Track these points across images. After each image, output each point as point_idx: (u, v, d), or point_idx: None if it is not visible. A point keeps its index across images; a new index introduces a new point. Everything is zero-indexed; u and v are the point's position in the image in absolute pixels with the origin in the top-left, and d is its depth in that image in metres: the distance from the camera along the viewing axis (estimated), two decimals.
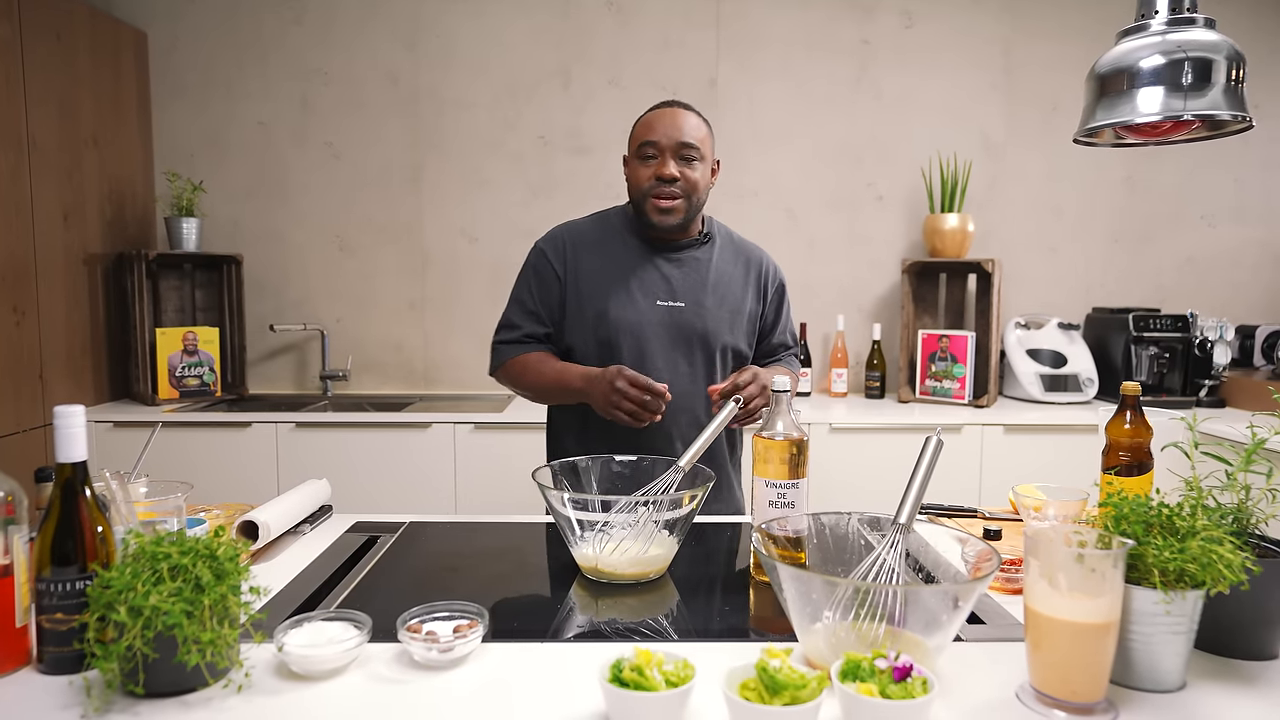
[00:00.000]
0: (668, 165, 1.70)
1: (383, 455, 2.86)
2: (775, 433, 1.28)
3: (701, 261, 1.82)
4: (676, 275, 1.79)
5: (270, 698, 0.93)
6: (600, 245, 1.81)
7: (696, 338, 1.78)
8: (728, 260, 1.86)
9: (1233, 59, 1.20)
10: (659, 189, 1.71)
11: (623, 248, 1.80)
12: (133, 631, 0.87)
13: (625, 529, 1.30)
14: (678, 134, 1.70)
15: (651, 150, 1.71)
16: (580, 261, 1.79)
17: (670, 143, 1.70)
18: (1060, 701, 0.90)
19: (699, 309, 1.78)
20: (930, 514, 1.64)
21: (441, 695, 0.95)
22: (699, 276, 1.80)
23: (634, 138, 1.77)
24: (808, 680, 0.83)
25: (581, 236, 1.83)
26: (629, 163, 1.79)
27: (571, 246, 1.81)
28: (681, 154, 1.71)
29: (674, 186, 1.71)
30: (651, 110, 1.76)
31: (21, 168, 2.64)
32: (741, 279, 1.86)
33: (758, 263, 1.91)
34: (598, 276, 1.77)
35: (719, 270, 1.83)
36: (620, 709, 0.85)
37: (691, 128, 1.72)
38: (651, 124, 1.73)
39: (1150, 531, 0.97)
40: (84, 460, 0.98)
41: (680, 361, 1.78)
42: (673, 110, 1.74)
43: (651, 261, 1.79)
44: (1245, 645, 1.01)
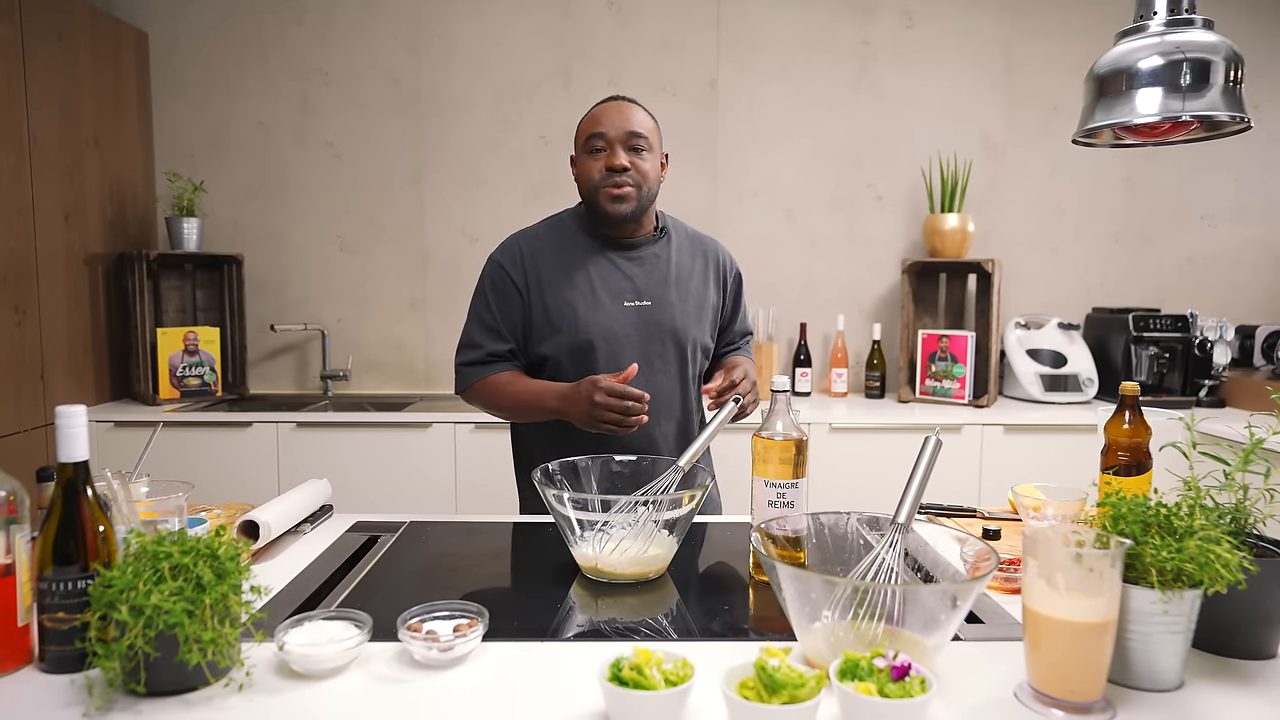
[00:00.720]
0: (618, 155, 1.68)
1: (383, 455, 2.87)
2: (775, 432, 1.28)
3: (661, 258, 1.80)
4: (639, 274, 1.77)
5: (271, 696, 0.94)
6: (558, 251, 1.77)
7: (667, 335, 1.76)
8: (686, 255, 1.83)
9: (1231, 60, 1.20)
10: (610, 179, 1.69)
11: (581, 251, 1.77)
12: (134, 630, 0.87)
13: (625, 529, 1.30)
14: (626, 124, 1.69)
15: (600, 143, 1.69)
16: (540, 270, 1.75)
17: (619, 133, 1.68)
18: (1058, 701, 0.91)
19: (666, 306, 1.76)
20: (929, 514, 1.64)
21: (442, 694, 0.95)
22: (661, 273, 1.78)
23: (580, 134, 1.74)
24: (806, 679, 0.83)
25: (537, 244, 1.78)
26: (577, 160, 1.76)
27: (529, 256, 1.76)
28: (631, 144, 1.69)
29: (625, 176, 1.69)
30: (596, 105, 1.75)
31: (23, 168, 2.64)
32: (701, 273, 1.84)
33: (715, 255, 1.88)
34: (560, 283, 1.74)
35: (679, 265, 1.81)
36: (619, 708, 0.86)
37: (640, 119, 1.71)
38: (598, 117, 1.71)
39: (1148, 531, 0.97)
40: (85, 460, 0.98)
41: (654, 360, 1.75)
42: (619, 103, 1.73)
43: (612, 262, 1.76)
44: (1243, 644, 1.02)
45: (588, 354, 1.72)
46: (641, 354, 1.74)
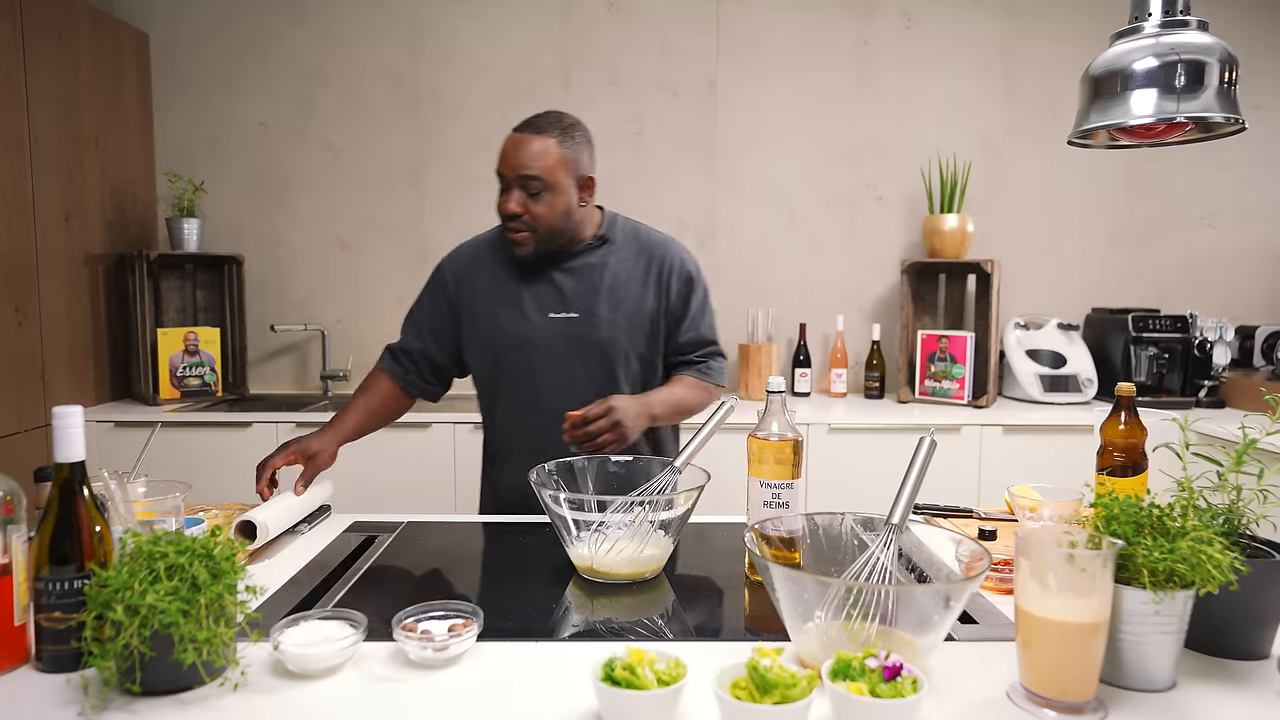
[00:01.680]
0: (510, 200, 1.64)
1: (382, 454, 2.86)
2: (770, 433, 1.29)
3: (595, 267, 1.75)
4: (569, 284, 1.73)
5: (266, 696, 0.94)
6: (496, 261, 1.77)
7: (592, 348, 1.72)
8: (627, 261, 1.77)
9: (1225, 61, 1.20)
10: (507, 223, 1.67)
11: (517, 261, 1.74)
12: (129, 630, 0.87)
13: (621, 529, 1.30)
14: (519, 165, 1.63)
15: (501, 181, 1.67)
16: (475, 280, 1.77)
17: (513, 175, 1.64)
18: (1051, 701, 0.91)
19: (592, 318, 1.72)
20: (926, 514, 1.64)
21: (436, 693, 0.96)
22: (592, 284, 1.73)
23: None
24: (798, 679, 0.83)
25: (480, 253, 1.80)
26: None
27: (469, 265, 1.79)
28: (525, 186, 1.63)
29: (518, 222, 1.65)
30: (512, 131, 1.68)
31: (23, 168, 2.65)
32: (641, 278, 1.76)
33: (660, 258, 1.78)
34: (490, 293, 1.74)
35: (615, 274, 1.75)
36: (612, 707, 0.86)
37: (533, 155, 1.62)
38: (503, 151, 1.66)
39: (1141, 532, 0.97)
40: (82, 460, 0.99)
41: (577, 373, 1.72)
42: (520, 136, 1.65)
43: (544, 273, 1.74)
44: (1236, 645, 1.02)
45: (501, 365, 1.74)
46: (562, 366, 1.72)
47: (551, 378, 1.72)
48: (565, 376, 1.72)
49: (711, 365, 1.84)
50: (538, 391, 1.73)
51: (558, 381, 1.72)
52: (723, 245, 3.44)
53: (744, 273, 3.45)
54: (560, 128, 1.66)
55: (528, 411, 1.75)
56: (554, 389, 1.71)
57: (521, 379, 1.72)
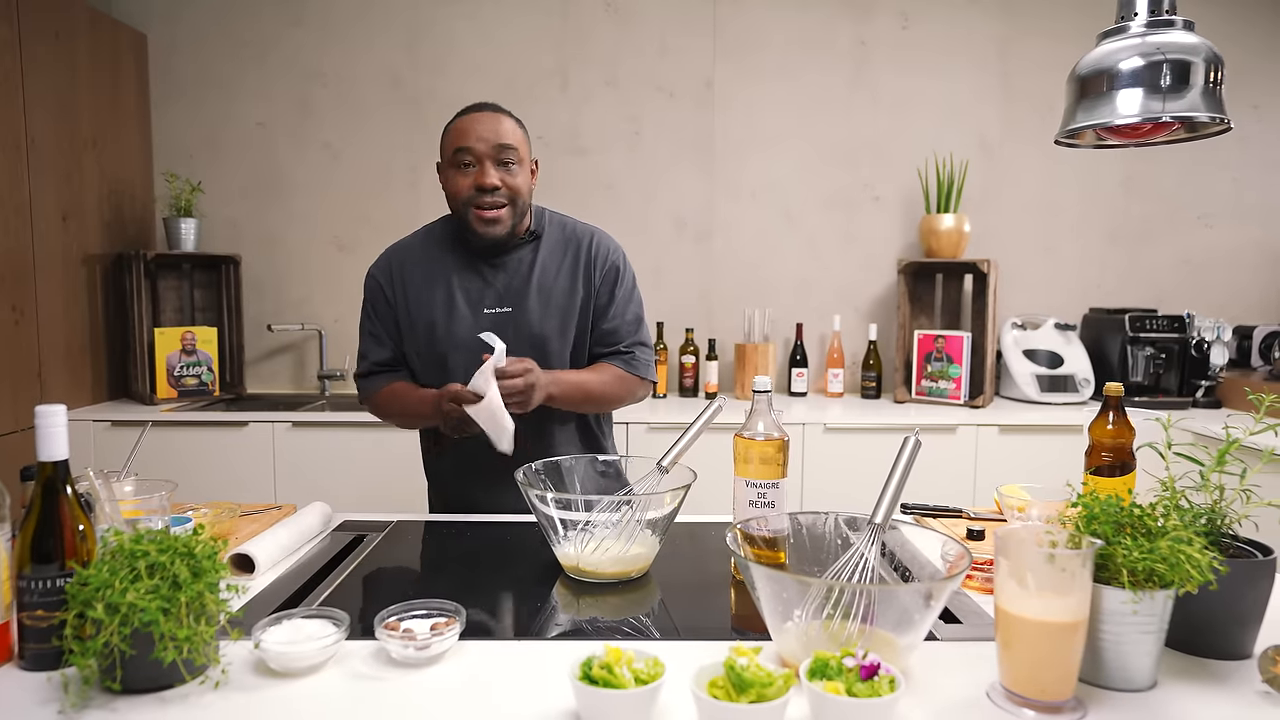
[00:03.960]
0: (487, 174, 1.61)
1: (379, 454, 2.87)
2: (756, 432, 1.29)
3: (525, 262, 1.74)
4: (500, 280, 1.72)
5: (247, 694, 0.94)
6: (425, 260, 1.75)
7: (526, 341, 1.70)
8: (555, 254, 1.76)
9: (1211, 61, 1.20)
10: (480, 199, 1.63)
11: (448, 260, 1.74)
12: (109, 628, 0.88)
13: (607, 528, 1.31)
14: (494, 137, 1.62)
15: (468, 157, 1.62)
16: (407, 280, 1.74)
17: (487, 148, 1.61)
18: (1029, 700, 0.91)
19: (525, 311, 1.71)
20: (915, 514, 1.64)
21: (417, 692, 0.96)
22: (523, 277, 1.72)
23: (446, 144, 1.66)
24: (774, 678, 0.84)
25: (407, 255, 1.77)
26: (443, 171, 1.69)
27: (398, 266, 1.76)
28: (500, 158, 1.63)
29: (496, 195, 1.63)
30: (462, 114, 1.66)
31: (20, 168, 2.66)
32: (569, 270, 1.75)
33: (587, 248, 1.77)
34: (424, 293, 1.72)
35: (544, 268, 1.74)
36: (589, 706, 0.86)
37: (508, 130, 1.64)
38: (465, 129, 1.63)
39: (1121, 532, 0.97)
40: (65, 459, 0.99)
41: None
42: (485, 114, 1.65)
43: (475, 269, 1.72)
44: (1218, 645, 1.02)
45: (444, 363, 1.71)
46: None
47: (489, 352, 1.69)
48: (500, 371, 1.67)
49: (637, 356, 1.80)
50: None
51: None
52: (720, 245, 3.44)
53: (741, 272, 3.45)
54: (511, 113, 1.69)
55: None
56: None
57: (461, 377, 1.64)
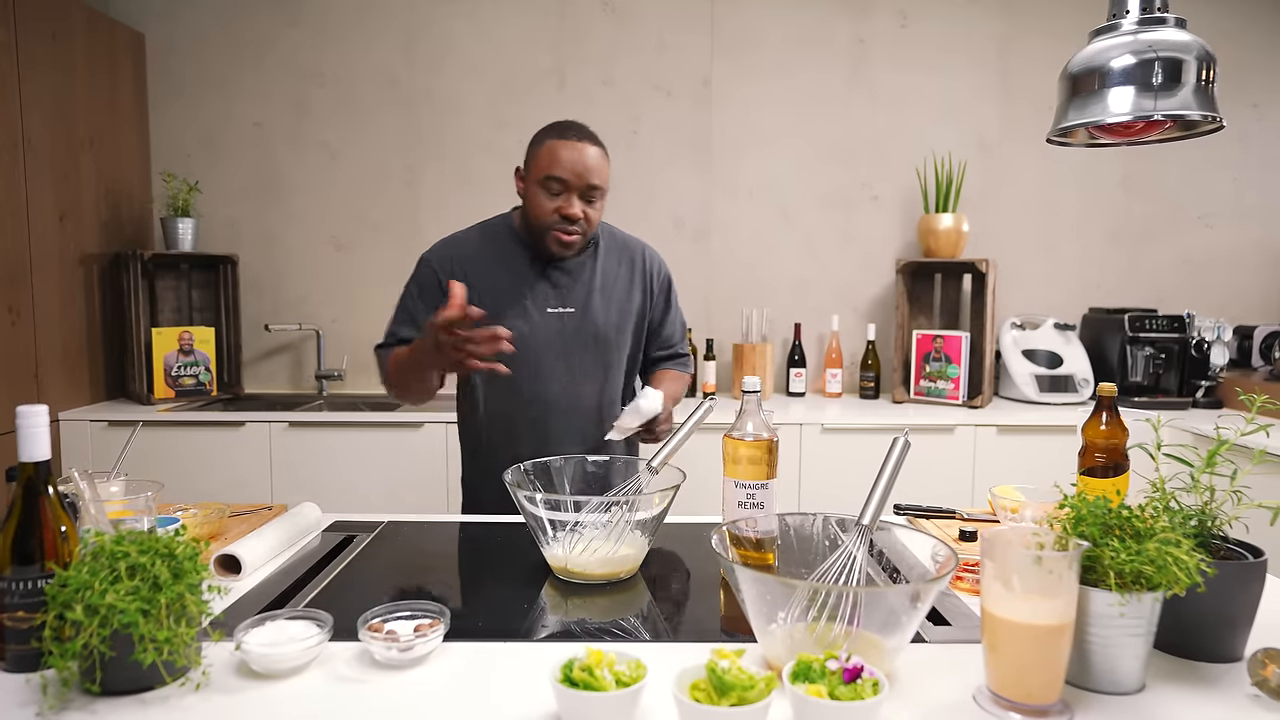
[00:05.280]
0: (574, 206, 1.71)
1: (375, 454, 2.87)
2: (745, 433, 1.28)
3: (586, 267, 1.84)
4: (565, 281, 1.81)
5: (228, 696, 0.94)
6: (488, 258, 1.81)
7: (590, 341, 1.81)
8: (612, 261, 1.88)
9: (1203, 59, 1.19)
10: (564, 225, 1.72)
11: (511, 258, 1.81)
12: (88, 630, 0.87)
13: (597, 529, 1.30)
14: (590, 176, 1.70)
15: (559, 186, 1.71)
16: (468, 273, 1.77)
17: (580, 183, 1.70)
18: (1015, 704, 0.90)
19: (590, 313, 1.81)
20: (908, 515, 1.63)
21: (400, 693, 0.96)
22: (585, 282, 1.83)
23: (539, 164, 1.73)
24: (756, 681, 0.83)
25: (469, 250, 1.82)
26: (529, 185, 1.76)
27: (459, 261, 1.80)
28: (587, 195, 1.72)
29: (577, 225, 1.72)
30: (557, 138, 1.72)
31: (17, 168, 2.66)
32: (627, 277, 1.89)
33: (641, 259, 1.92)
34: (488, 289, 1.76)
35: (605, 273, 1.86)
36: (569, 709, 0.86)
37: (599, 168, 1.72)
38: (563, 160, 1.70)
39: (1109, 533, 0.96)
40: (46, 460, 0.99)
41: (575, 366, 1.81)
42: (582, 146, 1.71)
43: (538, 270, 1.81)
44: (1207, 647, 1.01)
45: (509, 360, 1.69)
46: (564, 360, 1.80)
47: (551, 369, 1.78)
48: (565, 369, 1.79)
49: (687, 357, 2.04)
50: (542, 384, 1.79)
51: (558, 373, 1.79)
52: (717, 244, 3.43)
53: (739, 272, 3.44)
54: (600, 141, 1.76)
55: (527, 404, 1.79)
56: (557, 381, 1.79)
57: (525, 374, 1.76)
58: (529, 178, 1.76)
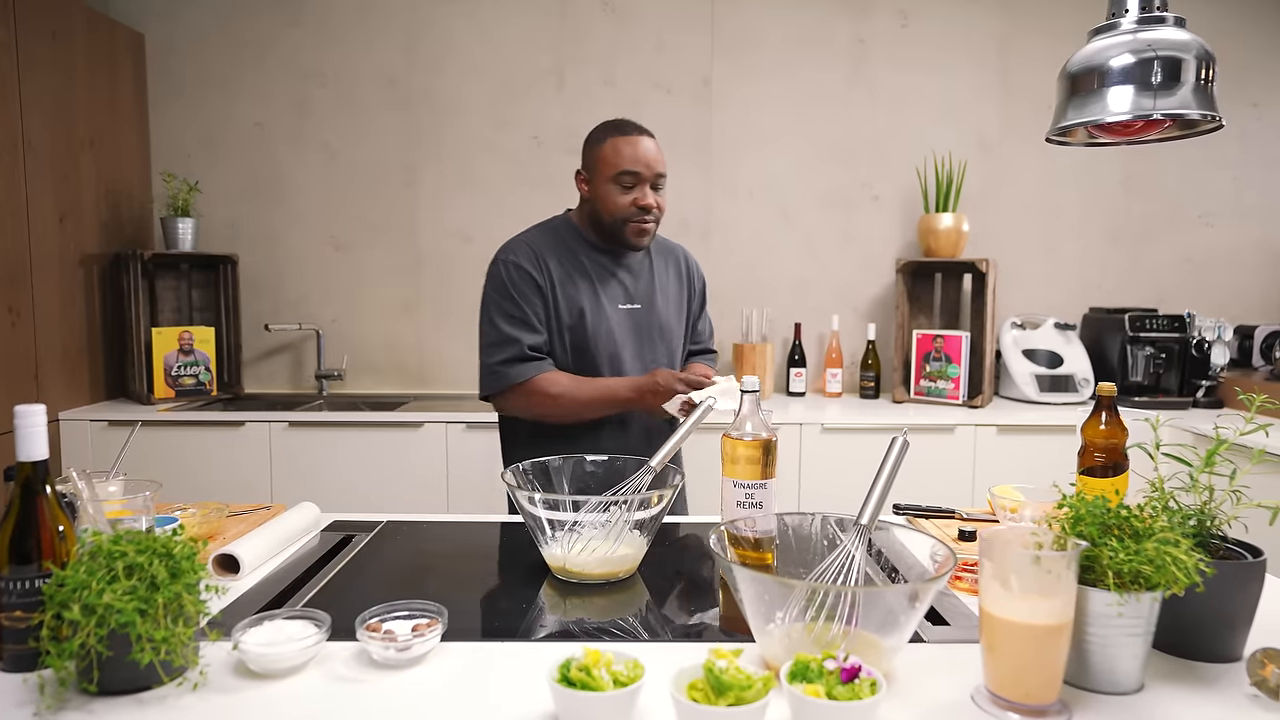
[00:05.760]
0: (649, 196, 1.80)
1: (375, 454, 2.87)
2: (744, 433, 1.28)
3: (644, 265, 1.94)
4: (629, 279, 1.90)
5: (226, 696, 0.94)
6: (561, 256, 1.86)
7: (657, 335, 1.92)
8: (662, 260, 1.98)
9: (1202, 58, 1.18)
10: (640, 217, 1.80)
11: (581, 257, 1.87)
12: (85, 629, 0.87)
13: (595, 528, 1.30)
14: (657, 166, 1.81)
15: (631, 180, 1.79)
16: (552, 271, 1.83)
17: (651, 174, 1.80)
18: (1014, 704, 0.90)
19: (654, 309, 1.92)
20: (908, 515, 1.63)
21: (398, 693, 0.96)
22: (647, 280, 1.93)
23: (606, 162, 1.80)
24: (753, 681, 0.83)
25: (543, 247, 1.86)
26: (598, 185, 1.82)
27: (541, 257, 1.84)
28: (657, 184, 1.82)
29: (652, 214, 1.82)
30: (618, 135, 1.81)
31: (16, 169, 2.66)
32: (675, 277, 2.00)
33: (683, 260, 2.04)
34: (568, 285, 1.83)
35: (659, 272, 1.96)
36: (567, 709, 0.85)
37: (661, 157, 1.82)
38: (632, 155, 1.78)
39: (1108, 533, 0.96)
40: (44, 459, 0.99)
41: (648, 359, 1.90)
42: (643, 139, 1.81)
43: (608, 269, 1.88)
44: (1206, 647, 1.01)
45: (590, 353, 1.83)
46: (636, 354, 1.89)
47: (630, 362, 1.86)
48: (639, 361, 1.88)
49: (716, 353, 2.16)
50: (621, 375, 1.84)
51: (634, 367, 1.87)
52: (717, 244, 3.43)
53: (739, 272, 3.44)
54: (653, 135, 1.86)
55: None
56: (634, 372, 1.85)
57: (605, 366, 1.83)
58: (596, 178, 1.83)
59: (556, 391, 1.76)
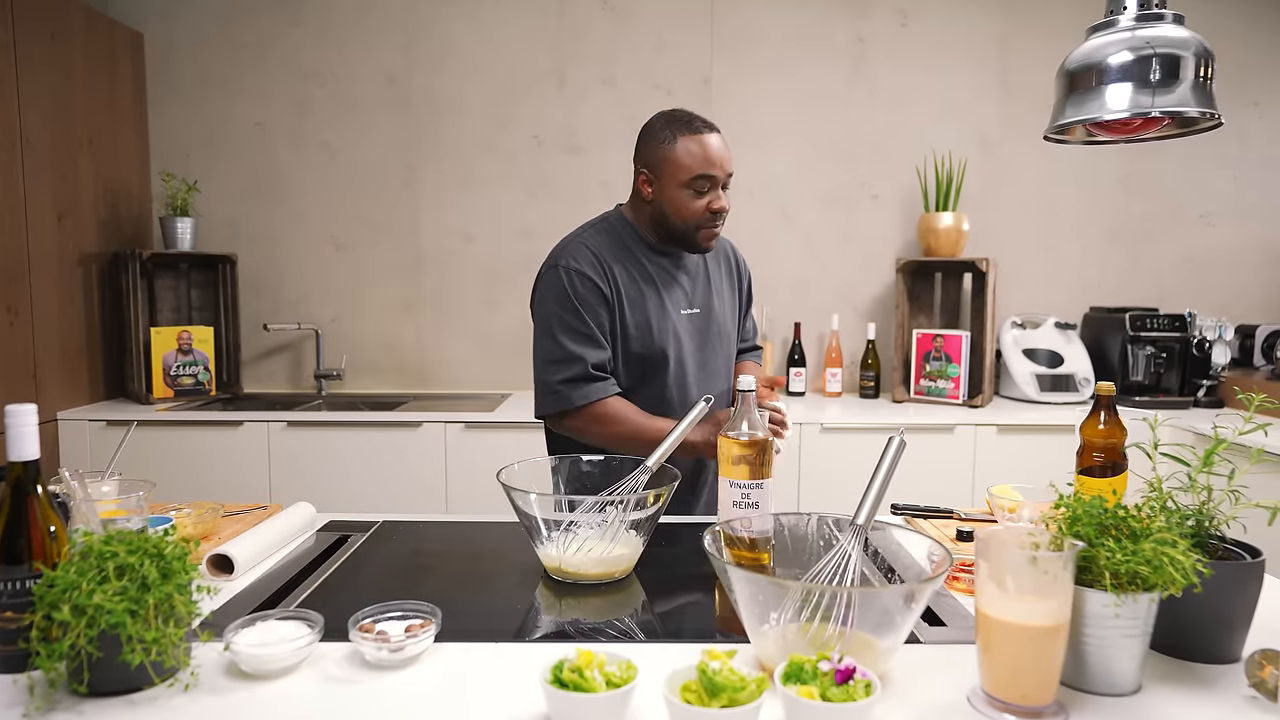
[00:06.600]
0: (722, 199, 1.69)
1: (373, 454, 2.87)
2: (740, 432, 1.27)
3: (700, 267, 1.85)
4: (687, 282, 1.81)
5: (218, 697, 0.93)
6: (624, 261, 1.73)
7: (717, 340, 1.84)
8: (714, 260, 1.89)
9: (1201, 56, 1.18)
10: (713, 221, 1.70)
11: (643, 261, 1.75)
12: (75, 630, 0.87)
13: (591, 529, 1.29)
14: (729, 165, 1.70)
15: (706, 184, 1.67)
16: (617, 276, 1.71)
17: (724, 176, 1.69)
18: (1010, 705, 0.89)
19: (712, 312, 1.84)
20: (906, 515, 1.63)
21: (391, 694, 0.95)
22: (704, 283, 1.84)
23: (679, 165, 1.66)
24: (747, 682, 0.82)
25: (606, 251, 1.72)
26: (668, 188, 1.68)
27: (605, 264, 1.70)
28: (726, 185, 1.72)
29: (723, 217, 1.72)
30: (689, 134, 1.67)
31: (15, 168, 2.66)
32: (727, 275, 1.92)
33: (732, 256, 1.96)
34: (633, 292, 1.71)
35: (713, 272, 1.87)
36: (559, 710, 0.85)
37: (730, 152, 1.71)
38: (703, 157, 1.65)
39: (1105, 533, 0.96)
40: (35, 459, 0.98)
41: (709, 364, 1.82)
42: (713, 136, 1.68)
43: (669, 272, 1.78)
44: (1204, 648, 1.00)
45: (659, 363, 1.73)
46: (699, 360, 1.80)
47: (695, 370, 1.79)
48: (703, 369, 1.81)
49: (761, 349, 2.10)
50: (685, 387, 1.77)
51: (698, 374, 1.80)
52: None
53: None
54: None
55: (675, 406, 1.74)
56: (697, 380, 1.79)
57: (669, 376, 1.74)
58: (666, 181, 1.68)
59: (620, 426, 1.64)
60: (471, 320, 3.43)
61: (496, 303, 3.42)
